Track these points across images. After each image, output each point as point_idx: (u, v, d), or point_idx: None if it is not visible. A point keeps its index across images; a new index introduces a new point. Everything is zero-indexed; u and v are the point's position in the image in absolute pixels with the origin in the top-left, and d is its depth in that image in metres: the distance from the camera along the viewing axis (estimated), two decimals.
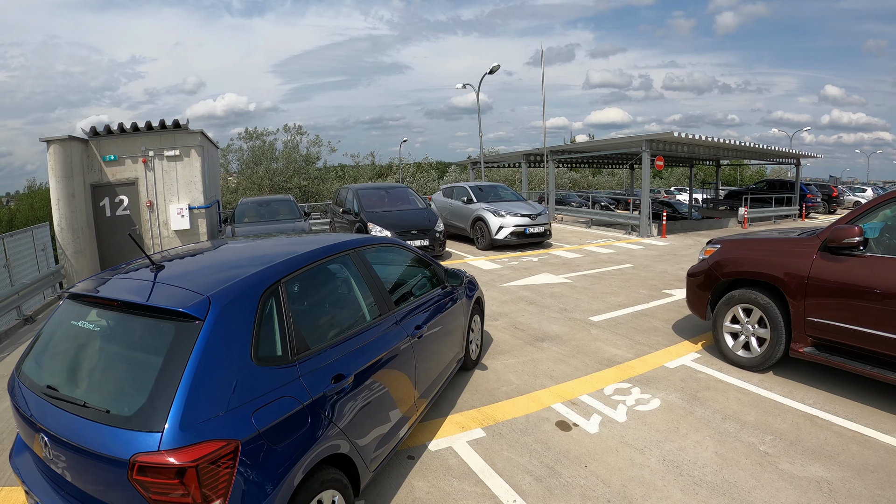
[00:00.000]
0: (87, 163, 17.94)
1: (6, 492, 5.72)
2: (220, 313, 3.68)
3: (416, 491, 5.26)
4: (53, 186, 16.78)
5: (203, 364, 3.43)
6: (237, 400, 3.52)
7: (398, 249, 6.77)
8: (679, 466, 5.44)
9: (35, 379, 4.10)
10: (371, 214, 17.59)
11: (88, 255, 17.60)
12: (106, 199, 18.31)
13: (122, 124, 18.17)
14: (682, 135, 22.95)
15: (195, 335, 3.53)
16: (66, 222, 16.77)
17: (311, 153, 57.84)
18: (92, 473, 3.48)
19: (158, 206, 18.49)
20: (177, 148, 18.36)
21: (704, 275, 8.47)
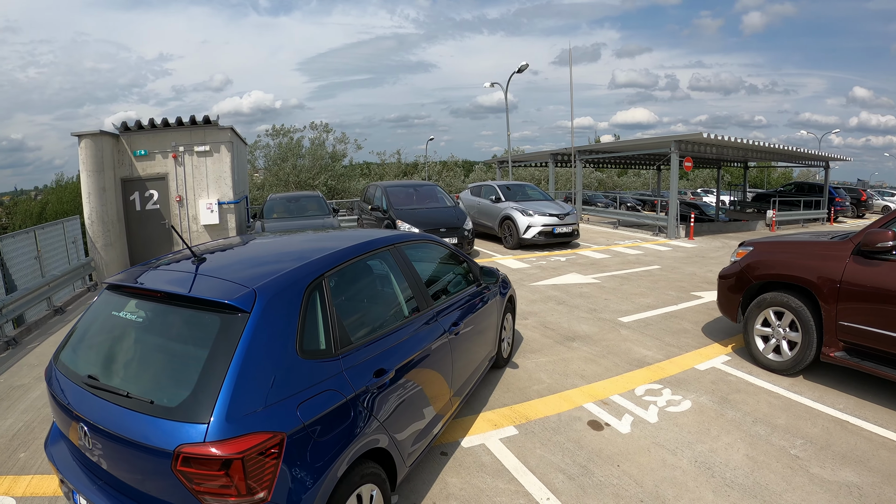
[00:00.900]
0: (118, 157, 18.07)
1: (38, 479, 5.84)
2: (265, 306, 3.71)
3: (449, 487, 5.31)
4: (84, 180, 16.94)
5: (249, 356, 3.46)
6: (283, 392, 3.55)
7: (435, 246, 6.80)
8: (711, 468, 5.45)
9: (74, 368, 4.14)
10: (400, 212, 17.60)
11: (118, 248, 17.75)
12: (136, 193, 18.44)
13: (153, 120, 18.32)
14: (710, 136, 22.79)
15: (241, 327, 3.56)
16: (97, 215, 16.92)
17: (338, 150, 57.90)
18: (132, 463, 3.50)
19: (188, 200, 18.60)
20: (207, 144, 18.44)
21: (736, 277, 8.42)
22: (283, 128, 57.18)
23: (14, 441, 6.74)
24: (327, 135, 57.85)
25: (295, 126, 58.42)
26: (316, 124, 58.04)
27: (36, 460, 6.24)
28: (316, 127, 57.97)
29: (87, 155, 16.74)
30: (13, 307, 11.34)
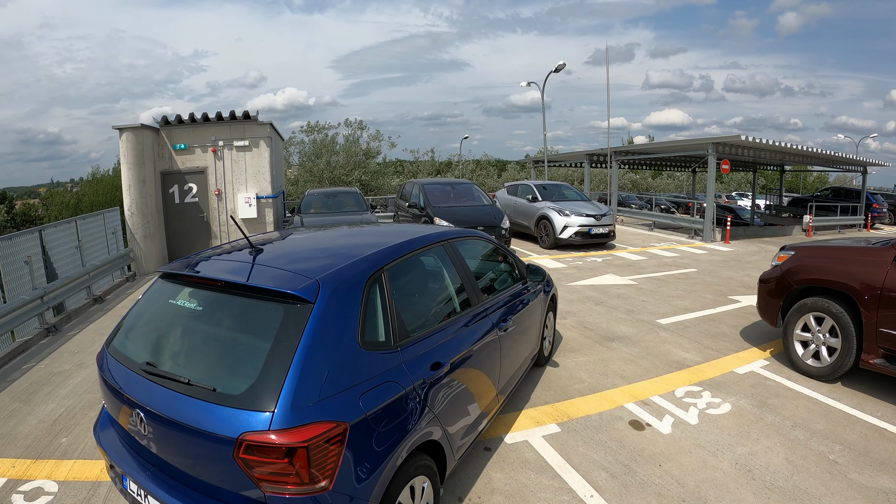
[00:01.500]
0: (158, 151, 18.29)
1: (80, 464, 5.97)
2: (329, 297, 3.77)
3: (493, 482, 5.39)
4: (125, 173, 17.16)
5: (313, 346, 3.52)
6: (345, 383, 3.61)
7: (484, 243, 6.87)
8: (751, 470, 5.50)
9: (129, 355, 4.21)
10: (438, 209, 17.62)
11: (157, 239, 17.97)
12: (175, 186, 18.65)
13: (193, 114, 18.50)
14: (748, 138, 22.63)
15: (305, 318, 3.62)
16: (137, 207, 17.14)
17: (372, 148, 58.03)
18: (190, 450, 3.57)
19: (226, 194, 18.75)
20: (246, 139, 18.59)
21: (777, 281, 8.41)
22: (318, 124, 57.43)
23: (56, 426, 6.90)
24: (361, 132, 58.08)
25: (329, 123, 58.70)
26: (350, 121, 58.34)
27: (78, 445, 6.39)
28: (350, 124, 58.25)
29: (128, 148, 16.96)
30: (54, 295, 11.56)
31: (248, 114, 18.49)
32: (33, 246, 12.20)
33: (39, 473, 5.83)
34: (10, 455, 6.24)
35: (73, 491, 5.49)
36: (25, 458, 6.15)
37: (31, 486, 5.60)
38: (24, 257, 11.47)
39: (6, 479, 5.72)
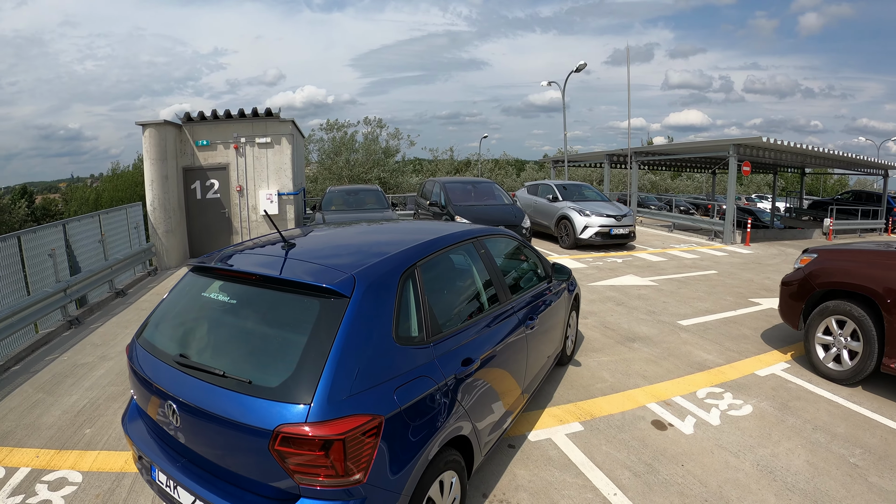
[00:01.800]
0: (180, 147, 18.46)
1: (104, 455, 6.06)
2: (364, 292, 3.81)
3: (518, 479, 5.44)
4: (147, 168, 17.33)
5: (349, 340, 3.55)
6: (381, 376, 3.65)
7: (512, 241, 6.91)
8: (772, 472, 5.52)
9: (161, 346, 4.25)
10: (459, 208, 17.60)
11: (178, 234, 18.12)
12: (197, 182, 18.80)
13: (216, 111, 18.61)
14: (769, 140, 22.57)
15: (341, 312, 3.64)
16: (159, 202, 17.30)
17: (391, 146, 58.08)
18: (223, 441, 3.60)
19: (248, 190, 18.88)
20: (268, 136, 18.70)
21: (799, 284, 8.39)
22: (337, 122, 57.54)
23: (79, 417, 6.98)
24: (381, 130, 58.12)
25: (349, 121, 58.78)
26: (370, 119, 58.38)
27: (102, 437, 6.47)
28: (370, 122, 58.33)
29: (151, 143, 17.13)
30: (77, 288, 11.72)
31: (270, 111, 18.60)
32: (57, 239, 12.33)
33: (63, 464, 5.90)
34: (33, 445, 6.32)
35: (97, 482, 5.56)
36: (49, 449, 6.23)
37: (54, 476, 5.68)
38: (48, 250, 11.58)
39: (30, 469, 5.80)
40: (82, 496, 5.32)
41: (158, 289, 14.64)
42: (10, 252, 10.69)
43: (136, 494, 5.32)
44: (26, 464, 5.92)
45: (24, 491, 5.41)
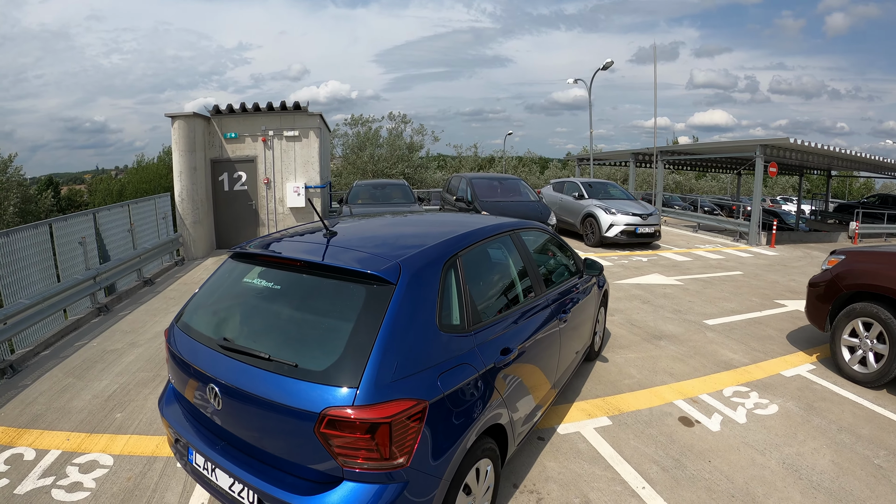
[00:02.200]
0: (209, 139, 18.66)
1: (135, 439, 6.17)
2: (410, 279, 3.87)
3: (548, 470, 5.51)
4: (176, 159, 17.54)
5: (395, 326, 3.60)
6: (425, 362, 3.71)
7: (546, 235, 6.95)
8: (798, 470, 5.56)
9: (202, 330, 4.31)
10: (485, 203, 17.62)
11: (206, 225, 18.32)
12: (224, 174, 18.99)
13: (244, 104, 18.79)
14: (797, 141, 22.40)
15: (387, 298, 3.70)
16: (187, 193, 17.50)
17: (415, 142, 58.03)
18: (267, 424, 3.65)
19: (275, 183, 19.04)
20: (296, 129, 18.83)
21: (826, 285, 8.37)
22: (362, 117, 57.52)
23: (109, 402, 7.10)
24: (405, 125, 58.07)
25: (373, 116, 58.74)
26: (394, 115, 58.31)
27: (133, 421, 6.58)
28: (394, 117, 58.24)
29: (180, 135, 17.34)
30: (107, 276, 11.90)
31: (298, 104, 18.72)
32: (87, 227, 12.48)
33: (94, 447, 6.01)
34: (63, 428, 6.44)
35: (128, 465, 5.66)
36: (80, 432, 6.33)
37: (85, 458, 5.78)
38: (79, 238, 11.72)
39: (60, 452, 5.91)
40: (113, 479, 5.41)
41: (186, 278, 14.82)
42: (42, 239, 10.83)
43: (167, 478, 5.42)
44: (57, 446, 6.02)
45: (54, 473, 5.51)
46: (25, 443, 6.10)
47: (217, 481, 3.91)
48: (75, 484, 5.31)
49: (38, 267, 10.70)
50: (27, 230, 10.47)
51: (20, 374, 8.17)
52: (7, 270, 9.74)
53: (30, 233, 10.51)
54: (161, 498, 5.11)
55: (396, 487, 3.40)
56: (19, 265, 10.07)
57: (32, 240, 10.52)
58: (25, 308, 9.03)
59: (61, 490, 5.21)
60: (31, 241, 10.47)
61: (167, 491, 5.22)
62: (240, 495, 3.75)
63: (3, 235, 9.82)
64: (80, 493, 5.17)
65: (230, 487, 3.81)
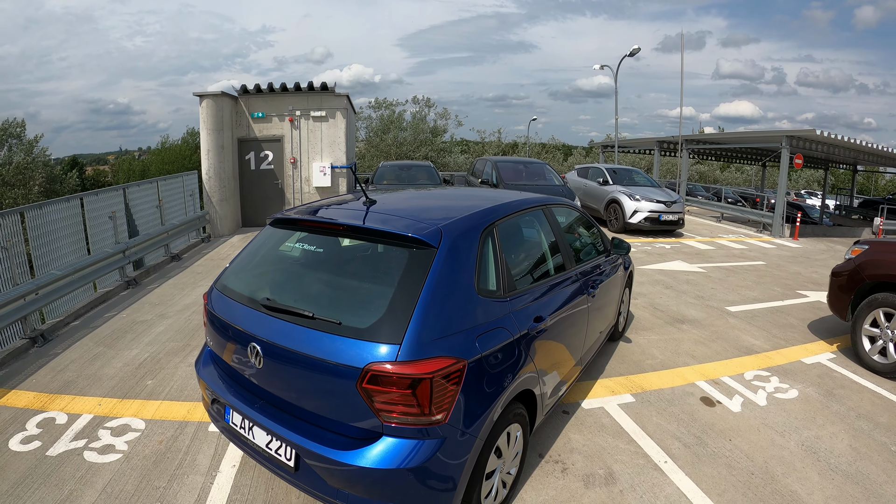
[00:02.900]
0: (236, 118, 18.76)
1: (166, 405, 6.34)
2: (451, 244, 3.98)
3: (572, 442, 5.64)
4: (204, 138, 17.68)
5: (437, 287, 3.73)
6: (464, 323, 3.84)
7: (577, 213, 7.02)
8: (816, 452, 5.64)
9: (243, 292, 4.44)
10: (510, 187, 17.47)
11: (232, 203, 18.48)
12: (251, 153, 19.11)
13: (272, 84, 18.86)
14: (824, 134, 22.17)
15: (429, 261, 3.83)
16: (214, 171, 17.65)
17: (439, 126, 57.85)
18: (309, 381, 3.76)
19: (302, 162, 19.13)
20: (323, 109, 18.87)
21: (849, 275, 8.38)
22: (386, 100, 57.36)
23: (140, 370, 7.26)
24: (429, 109, 57.87)
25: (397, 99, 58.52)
26: (418, 99, 58.12)
27: (164, 388, 6.74)
28: (418, 101, 58.06)
29: (208, 114, 17.47)
30: (135, 250, 12.11)
31: (325, 85, 18.76)
32: (117, 203, 12.68)
33: (126, 412, 6.17)
34: (95, 394, 6.60)
35: (160, 429, 5.81)
36: (111, 398, 6.50)
37: (117, 423, 5.93)
38: (109, 213, 11.87)
39: (92, 416, 6.07)
40: (145, 441, 5.56)
41: (213, 254, 14.99)
42: (73, 213, 11.02)
43: (199, 441, 5.57)
44: (89, 411, 6.18)
45: (86, 436, 5.66)
46: (57, 407, 6.26)
47: (254, 439, 4.03)
48: (107, 446, 5.45)
49: (70, 240, 10.91)
50: (59, 203, 10.66)
51: (51, 342, 8.34)
52: (39, 242, 9.93)
53: (62, 206, 10.70)
54: (193, 460, 5.26)
55: (434, 443, 3.50)
56: (51, 237, 10.27)
57: (64, 213, 10.72)
58: (57, 279, 9.22)
59: (93, 452, 5.35)
60: (62, 213, 10.66)
61: (199, 453, 5.36)
62: (277, 452, 3.87)
63: (36, 208, 10.00)
64: (112, 454, 5.32)
65: (267, 445, 3.94)
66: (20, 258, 9.13)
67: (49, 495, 4.68)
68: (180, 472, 5.06)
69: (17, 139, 43.41)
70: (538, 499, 4.76)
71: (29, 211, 9.80)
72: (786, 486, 5.05)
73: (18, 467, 5.07)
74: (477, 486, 3.94)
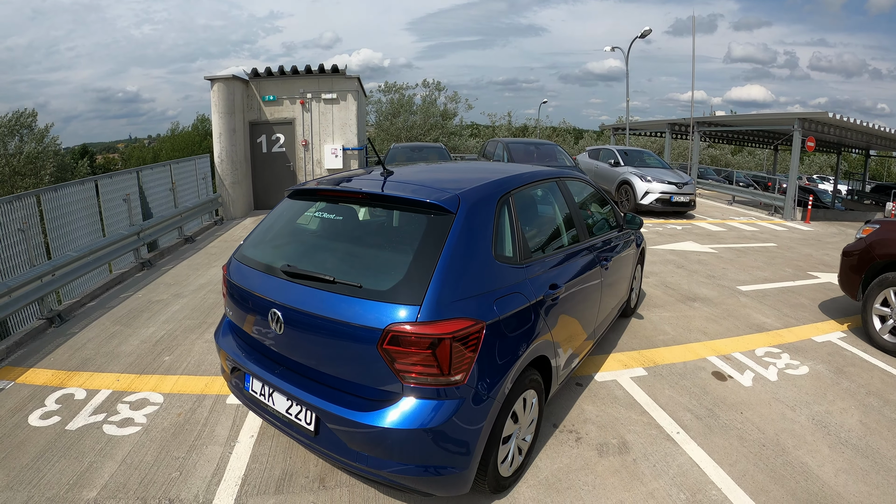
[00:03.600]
0: (247, 102, 18.82)
1: (184, 379, 6.45)
2: (468, 210, 4.04)
3: (586, 413, 5.73)
4: (216, 121, 17.79)
5: (455, 251, 3.79)
6: (482, 287, 3.91)
7: (590, 187, 7.04)
8: (826, 426, 5.69)
9: (263, 260, 4.49)
10: None
11: (244, 186, 18.58)
12: (263, 136, 19.18)
13: (283, 67, 18.89)
14: (836, 116, 22.06)
15: (448, 226, 3.89)
16: (226, 154, 17.76)
17: (449, 109, 57.75)
18: (330, 345, 3.83)
19: (313, 145, 19.20)
20: (334, 91, 18.92)
21: (859, 254, 8.38)
22: (395, 84, 57.26)
23: (158, 346, 7.37)
24: (439, 93, 57.77)
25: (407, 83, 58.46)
26: (428, 82, 58.00)
27: (181, 363, 6.85)
28: (428, 85, 57.97)
29: (219, 98, 17.57)
30: (149, 232, 12.22)
31: (336, 67, 18.82)
32: (131, 185, 12.79)
33: (144, 386, 6.28)
34: (113, 370, 6.71)
35: (178, 402, 5.92)
36: (129, 374, 6.60)
37: (135, 397, 6.04)
38: (123, 195, 11.97)
39: (111, 391, 6.17)
40: (164, 415, 5.66)
41: (226, 236, 15.13)
42: (88, 195, 11.11)
43: (217, 414, 5.67)
44: (107, 386, 6.28)
45: (105, 410, 5.76)
46: (76, 384, 6.36)
47: (274, 405, 4.12)
48: (126, 420, 5.55)
49: (85, 222, 11.02)
50: (74, 186, 10.75)
51: (68, 322, 8.44)
52: (55, 224, 10.02)
53: (77, 188, 10.80)
54: (212, 431, 5.35)
55: (453, 404, 3.57)
56: (67, 220, 10.36)
57: (79, 195, 10.82)
58: (73, 260, 9.33)
59: (112, 425, 5.45)
60: (77, 196, 10.75)
61: (217, 425, 5.46)
62: (297, 417, 3.95)
63: (52, 191, 10.09)
64: (131, 427, 5.42)
65: (287, 410, 4.02)
66: (37, 240, 9.22)
67: (69, 467, 4.77)
68: (199, 443, 5.15)
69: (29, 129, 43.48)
70: (553, 466, 4.85)
71: (44, 193, 9.90)
72: (797, 457, 5.11)
73: (38, 441, 5.17)
74: (494, 450, 4.01)
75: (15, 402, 5.96)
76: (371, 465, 3.65)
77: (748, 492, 4.57)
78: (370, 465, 3.65)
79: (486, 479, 4.09)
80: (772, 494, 4.56)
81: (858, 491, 4.65)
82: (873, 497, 4.57)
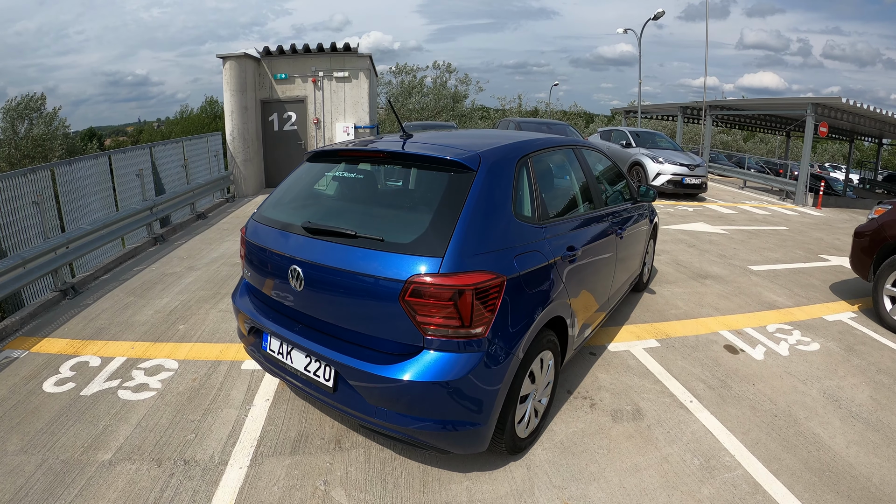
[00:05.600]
0: (259, 80, 18.82)
1: (199, 347, 6.52)
2: (489, 169, 4.08)
3: (600, 381, 5.79)
4: (227, 99, 17.77)
5: (476, 207, 3.83)
6: (502, 243, 3.95)
7: (604, 157, 7.10)
8: (838, 400, 5.73)
9: (283, 219, 4.51)
10: None
11: (255, 164, 18.64)
12: (275, 114, 19.19)
13: (294, 45, 18.88)
14: (850, 102, 21.88)
15: (469, 183, 3.93)
16: (238, 132, 17.78)
17: (460, 91, 57.65)
18: (352, 299, 3.85)
19: (325, 123, 19.18)
20: (346, 70, 18.90)
21: (871, 235, 8.37)
22: (406, 66, 57.20)
23: (172, 316, 7.45)
24: (450, 75, 57.68)
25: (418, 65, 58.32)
26: (439, 64, 57.93)
27: (196, 331, 6.93)
28: (439, 67, 57.89)
29: (231, 75, 17.56)
30: (162, 207, 12.23)
31: (348, 45, 18.79)
32: (144, 161, 12.87)
33: (158, 354, 6.35)
34: (128, 339, 6.78)
35: (192, 368, 5.99)
36: (144, 342, 6.68)
37: (150, 363, 6.12)
38: (136, 171, 12.02)
39: (126, 358, 6.25)
40: (179, 380, 5.74)
41: (238, 213, 15.19)
42: (102, 170, 11.17)
43: (232, 378, 5.74)
44: (122, 354, 6.35)
45: (120, 376, 5.83)
46: (90, 352, 6.42)
47: (292, 363, 4.19)
48: (141, 385, 5.62)
49: (98, 196, 11.11)
50: (88, 160, 10.83)
51: (81, 294, 8.50)
52: (69, 198, 10.09)
53: (90, 163, 10.88)
54: (227, 395, 5.42)
55: (474, 357, 3.61)
56: (80, 193, 10.44)
57: (93, 170, 10.90)
58: (86, 233, 9.39)
59: (127, 391, 5.52)
60: (91, 170, 10.83)
61: (232, 389, 5.54)
62: (315, 374, 4.01)
63: (66, 164, 10.16)
64: (146, 392, 5.49)
65: (305, 368, 4.08)
66: (51, 213, 9.28)
67: (84, 431, 4.83)
68: (214, 407, 5.22)
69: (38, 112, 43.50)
70: (568, 430, 4.90)
71: (59, 167, 9.97)
72: (808, 428, 5.16)
73: (53, 407, 5.23)
74: (511, 409, 4.05)
75: (29, 369, 6.01)
76: (390, 419, 3.69)
77: (761, 459, 4.61)
78: (389, 419, 3.70)
79: (504, 439, 4.13)
80: (784, 462, 4.60)
81: (870, 462, 4.68)
82: (884, 469, 4.61)
